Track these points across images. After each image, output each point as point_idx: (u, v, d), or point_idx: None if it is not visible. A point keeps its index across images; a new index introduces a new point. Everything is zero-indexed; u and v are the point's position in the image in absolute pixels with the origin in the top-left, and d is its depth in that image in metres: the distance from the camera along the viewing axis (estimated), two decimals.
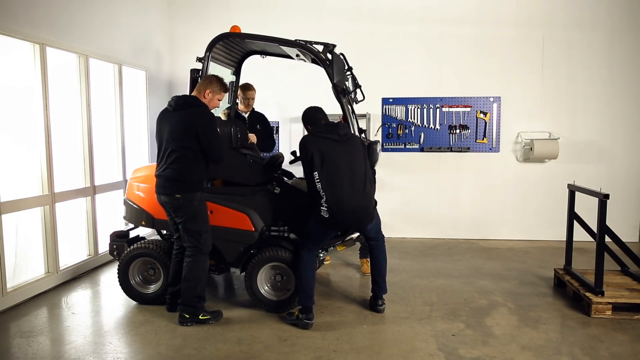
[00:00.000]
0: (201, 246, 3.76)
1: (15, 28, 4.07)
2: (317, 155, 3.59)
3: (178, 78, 7.04)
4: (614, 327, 3.73)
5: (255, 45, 4.59)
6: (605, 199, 3.89)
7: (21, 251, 4.34)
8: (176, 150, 3.66)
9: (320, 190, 3.59)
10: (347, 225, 3.79)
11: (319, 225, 3.69)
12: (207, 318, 3.80)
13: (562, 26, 6.43)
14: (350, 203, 3.62)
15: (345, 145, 3.71)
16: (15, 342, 3.49)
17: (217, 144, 3.71)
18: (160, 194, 3.77)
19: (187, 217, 3.72)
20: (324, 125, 3.80)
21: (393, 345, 3.45)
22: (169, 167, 3.69)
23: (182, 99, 3.76)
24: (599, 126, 6.47)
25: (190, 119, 3.64)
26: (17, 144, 4.30)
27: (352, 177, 3.65)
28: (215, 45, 4.21)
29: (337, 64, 4.07)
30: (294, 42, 4.13)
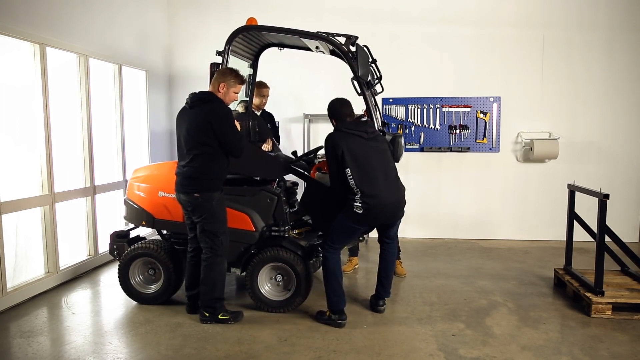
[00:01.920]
0: (217, 248, 3.72)
1: (15, 28, 4.07)
2: (348, 151, 3.56)
3: (178, 78, 7.05)
4: (614, 327, 3.73)
5: (273, 37, 4.53)
6: (605, 199, 3.89)
7: (21, 251, 4.34)
8: (194, 148, 3.63)
9: (354, 186, 3.55)
10: (381, 219, 3.74)
11: (351, 222, 3.64)
12: (226, 318, 3.78)
13: (562, 26, 6.43)
14: (386, 197, 3.61)
15: (374, 142, 3.71)
16: (15, 342, 3.49)
17: (234, 138, 3.64)
18: (179, 192, 3.73)
19: (204, 217, 3.67)
20: (352, 122, 3.76)
21: (393, 345, 3.45)
22: (188, 165, 3.66)
23: (197, 96, 3.70)
24: (599, 126, 6.47)
25: (205, 115, 3.58)
26: (17, 144, 4.30)
27: (385, 172, 3.65)
28: (235, 38, 4.14)
29: (362, 56, 4.01)
30: (315, 34, 4.06)
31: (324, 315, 3.83)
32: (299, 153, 5.02)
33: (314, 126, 6.88)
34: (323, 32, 4.09)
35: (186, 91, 7.10)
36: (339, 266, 3.80)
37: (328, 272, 3.76)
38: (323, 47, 4.29)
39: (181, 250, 4.33)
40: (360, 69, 3.95)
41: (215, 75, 3.80)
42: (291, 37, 4.28)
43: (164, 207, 4.20)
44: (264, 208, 4.05)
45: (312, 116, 6.72)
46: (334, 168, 3.66)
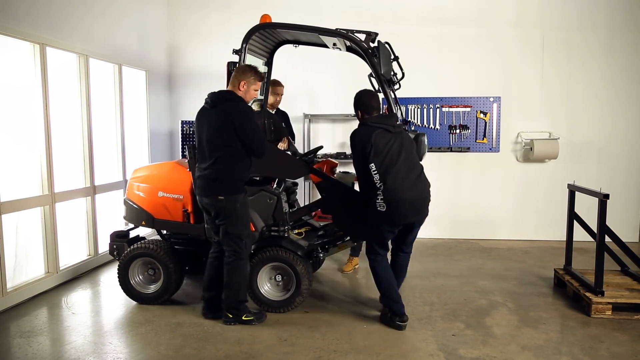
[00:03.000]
0: (241, 251, 3.67)
1: (15, 28, 4.07)
2: (374, 146, 3.50)
3: (178, 78, 7.05)
4: (614, 327, 3.73)
5: (288, 34, 4.48)
6: (605, 199, 3.89)
7: (21, 251, 4.34)
8: (217, 149, 3.55)
9: (377, 181, 3.50)
10: (406, 217, 3.60)
11: (378, 223, 3.59)
12: (250, 319, 3.76)
13: (562, 26, 6.43)
14: (408, 192, 3.53)
15: (399, 136, 3.64)
16: (15, 342, 3.49)
17: (257, 137, 3.58)
18: (202, 195, 3.66)
19: (228, 220, 3.61)
20: (379, 116, 3.70)
21: (393, 345, 3.45)
22: (210, 167, 3.58)
23: (216, 95, 3.65)
24: (599, 126, 6.47)
25: (227, 114, 3.52)
26: (17, 144, 4.30)
27: (409, 168, 3.59)
28: (252, 36, 4.08)
29: (384, 53, 3.95)
30: (335, 32, 4.02)
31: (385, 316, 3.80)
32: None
33: (314, 126, 6.88)
34: (342, 29, 4.03)
35: (186, 91, 7.17)
36: (389, 269, 3.75)
37: (381, 281, 3.70)
38: (340, 44, 4.23)
39: (181, 251, 4.34)
40: (382, 66, 3.88)
41: (234, 73, 3.73)
42: (308, 34, 4.22)
43: (164, 207, 4.19)
44: (263, 208, 4.05)
45: (312, 116, 6.72)
46: (359, 162, 3.59)
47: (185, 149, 4.65)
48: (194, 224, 4.15)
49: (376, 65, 3.91)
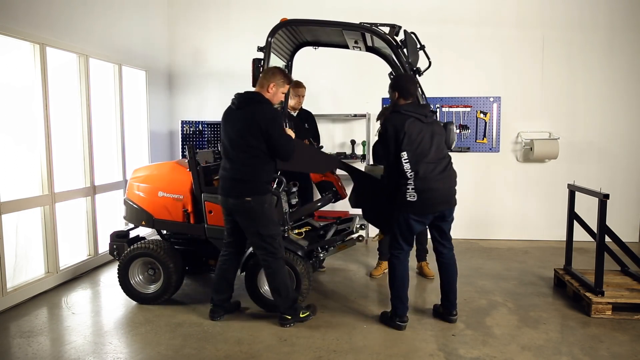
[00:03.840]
0: (276, 251, 3.64)
1: (15, 28, 4.07)
2: (407, 134, 3.47)
3: (178, 78, 7.04)
4: (614, 327, 3.73)
5: (310, 34, 4.45)
6: (605, 199, 3.89)
7: (21, 251, 4.34)
8: (244, 150, 3.53)
9: (407, 170, 3.46)
10: (434, 205, 3.56)
11: (406, 214, 3.54)
12: (307, 315, 3.78)
13: (562, 26, 6.43)
14: (439, 182, 3.52)
15: (431, 126, 3.60)
16: (15, 342, 3.49)
17: (284, 141, 3.57)
18: (228, 196, 3.60)
19: (259, 221, 3.57)
20: (412, 104, 3.65)
21: (393, 345, 3.45)
22: (237, 168, 3.56)
23: (244, 96, 3.62)
24: (599, 126, 6.47)
25: (255, 116, 3.49)
26: (17, 144, 4.30)
27: (439, 158, 3.57)
28: (277, 32, 4.03)
29: (411, 43, 3.92)
30: (359, 26, 3.99)
31: (386, 315, 3.80)
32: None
33: None
34: (366, 23, 3.99)
35: (186, 91, 7.16)
36: (407, 271, 3.72)
37: (396, 279, 3.68)
38: (360, 43, 4.20)
39: (181, 250, 4.34)
40: (410, 56, 3.84)
41: (262, 74, 3.70)
42: (328, 33, 4.19)
43: (164, 207, 4.20)
44: None
45: None
46: (390, 151, 3.54)
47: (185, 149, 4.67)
48: (194, 224, 4.15)
49: (401, 57, 3.86)
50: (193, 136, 6.49)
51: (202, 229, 4.13)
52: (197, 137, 6.50)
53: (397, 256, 3.71)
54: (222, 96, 6.99)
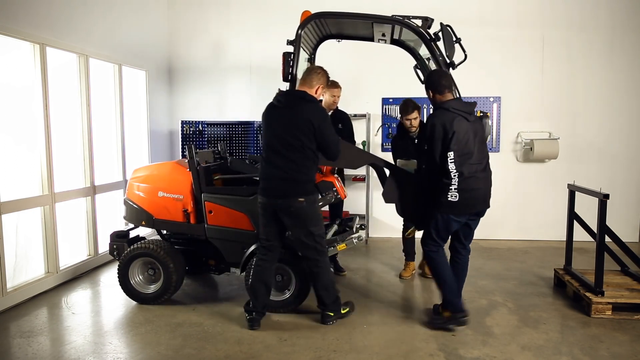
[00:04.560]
0: (324, 249, 3.65)
1: (15, 28, 4.07)
2: (456, 133, 3.40)
3: (178, 78, 7.04)
4: (614, 327, 3.73)
5: (334, 27, 4.41)
6: (605, 199, 3.89)
7: (21, 251, 4.34)
8: (297, 150, 3.45)
9: (452, 170, 3.40)
10: (474, 206, 3.54)
11: (446, 213, 3.50)
12: (347, 311, 3.81)
13: (562, 26, 6.42)
14: (479, 181, 3.50)
15: (474, 125, 3.54)
16: (15, 342, 3.49)
17: (334, 140, 3.54)
18: (277, 197, 3.52)
19: (310, 221, 3.55)
20: (460, 102, 3.59)
21: (393, 345, 3.45)
22: (287, 167, 3.48)
23: (293, 95, 3.58)
24: (599, 126, 6.47)
25: (307, 115, 3.43)
26: (17, 144, 4.31)
27: (481, 158, 3.54)
28: (306, 25, 3.98)
29: (447, 36, 3.86)
30: (390, 18, 3.94)
31: (439, 318, 3.71)
32: None
33: None
34: (398, 15, 3.94)
35: (186, 91, 7.15)
36: (447, 263, 3.68)
37: (438, 270, 3.64)
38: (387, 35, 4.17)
39: (181, 250, 4.34)
40: (447, 49, 3.80)
41: (306, 73, 3.65)
42: (355, 26, 4.15)
43: (164, 207, 4.20)
44: None
45: None
46: (436, 149, 3.45)
47: (185, 149, 4.66)
48: (194, 224, 4.15)
49: (434, 50, 3.83)
50: (193, 136, 6.49)
51: (202, 229, 4.13)
52: (197, 137, 6.50)
53: (436, 252, 3.65)
54: (222, 96, 7.01)
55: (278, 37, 6.76)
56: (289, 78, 3.88)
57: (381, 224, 6.79)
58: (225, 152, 5.00)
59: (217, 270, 4.43)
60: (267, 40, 6.82)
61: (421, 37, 3.90)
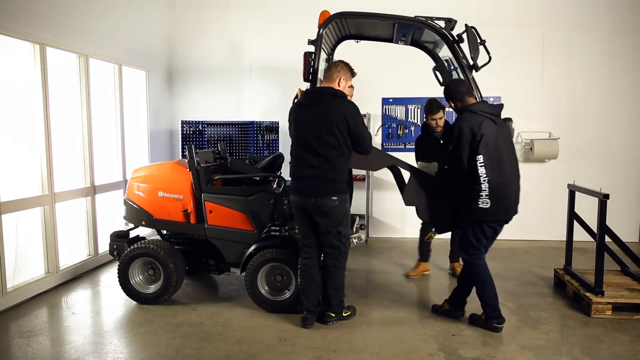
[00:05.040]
0: (347, 250, 3.65)
1: (15, 28, 4.07)
2: (485, 136, 3.33)
3: (178, 78, 7.04)
4: (614, 327, 3.73)
5: (354, 28, 4.38)
6: (605, 199, 3.89)
7: (21, 251, 4.34)
8: (329, 147, 3.42)
9: (482, 175, 3.33)
10: (506, 212, 3.47)
11: (478, 220, 3.45)
12: (349, 314, 3.82)
13: (562, 26, 6.42)
14: (512, 187, 3.44)
15: (501, 127, 3.51)
16: (15, 342, 3.49)
17: (368, 134, 3.54)
18: (311, 196, 3.49)
19: (340, 221, 3.54)
20: (486, 105, 3.53)
21: (393, 345, 3.45)
22: (322, 166, 3.44)
23: (322, 92, 3.53)
24: (599, 126, 6.47)
25: (341, 111, 3.39)
26: (17, 144, 4.31)
27: (510, 161, 3.48)
28: (328, 25, 3.94)
29: (472, 37, 3.84)
30: (413, 19, 3.92)
31: (478, 319, 3.73)
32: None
33: None
34: (421, 16, 3.93)
35: (186, 91, 7.15)
36: (489, 273, 3.63)
37: (481, 279, 3.59)
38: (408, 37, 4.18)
39: (181, 250, 4.34)
40: (472, 51, 3.77)
41: (328, 69, 3.61)
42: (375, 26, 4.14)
43: (164, 207, 4.20)
44: (263, 208, 4.06)
45: None
46: (464, 152, 3.38)
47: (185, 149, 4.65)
48: (194, 224, 4.15)
49: (457, 52, 3.81)
50: (193, 136, 6.49)
51: (202, 229, 4.13)
52: (197, 137, 6.50)
53: (478, 259, 3.60)
54: (222, 96, 7.01)
55: (278, 37, 6.83)
56: (309, 77, 3.85)
57: (381, 224, 6.80)
58: (225, 152, 5.00)
59: (217, 270, 4.43)
60: (267, 40, 6.83)
61: (444, 38, 3.87)
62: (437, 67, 4.62)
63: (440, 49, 4.47)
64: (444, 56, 4.40)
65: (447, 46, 3.92)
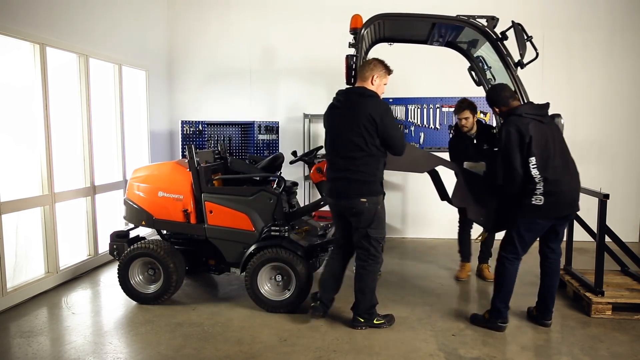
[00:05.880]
0: (378, 254, 3.59)
1: (15, 28, 4.07)
2: (533, 137, 3.33)
3: (178, 78, 7.04)
4: (614, 327, 3.73)
5: (389, 30, 4.34)
6: (605, 199, 3.89)
7: (21, 251, 4.34)
8: (361, 149, 3.39)
9: (536, 175, 3.34)
10: (560, 209, 3.46)
11: (533, 217, 3.44)
12: (381, 322, 3.70)
13: (562, 26, 6.42)
14: (566, 184, 3.41)
15: (550, 126, 3.51)
16: (15, 342, 3.49)
17: (399, 134, 3.46)
18: (341, 198, 3.51)
19: (370, 222, 3.48)
20: (532, 106, 3.53)
21: (393, 345, 3.45)
22: (352, 168, 3.43)
23: (351, 93, 3.50)
24: (599, 126, 6.47)
25: (367, 110, 3.35)
26: (17, 144, 4.31)
27: (564, 159, 3.47)
28: (370, 26, 3.90)
29: (519, 35, 3.79)
30: (455, 19, 3.88)
31: (480, 318, 3.74)
32: (298, 153, 5.01)
33: (314, 126, 6.88)
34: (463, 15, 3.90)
35: (186, 91, 7.16)
36: (516, 275, 3.63)
37: (506, 284, 3.60)
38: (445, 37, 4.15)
39: (181, 250, 4.34)
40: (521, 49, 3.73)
41: (362, 68, 3.57)
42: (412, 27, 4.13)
43: (164, 207, 4.20)
44: (263, 208, 4.06)
45: (312, 116, 6.72)
46: (514, 156, 3.36)
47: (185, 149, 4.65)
48: (194, 224, 4.15)
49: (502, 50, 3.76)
50: (193, 136, 6.49)
51: (202, 229, 4.13)
52: (197, 137, 6.50)
53: (512, 260, 3.60)
54: (222, 96, 7.01)
55: (278, 37, 6.83)
56: (352, 81, 3.80)
57: None
58: (225, 152, 5.00)
59: (217, 270, 4.43)
60: (267, 41, 6.83)
61: (487, 36, 3.81)
62: (472, 67, 4.59)
63: (477, 49, 4.41)
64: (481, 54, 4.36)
65: (490, 44, 3.84)
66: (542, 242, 3.76)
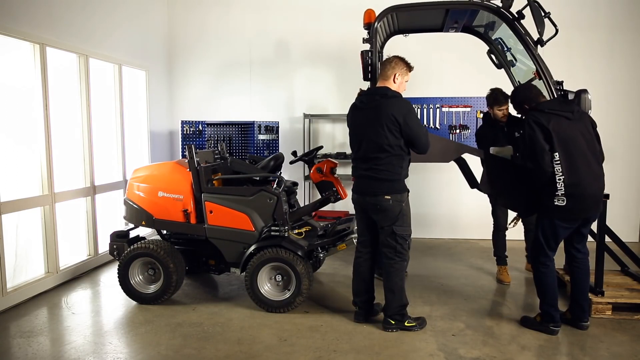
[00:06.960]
0: (404, 252, 3.58)
1: (15, 28, 4.07)
2: (556, 133, 3.27)
3: (178, 78, 7.05)
4: (614, 327, 3.73)
5: (402, 21, 4.30)
6: (605, 199, 3.88)
7: (21, 251, 4.34)
8: (381, 150, 3.40)
9: (557, 173, 3.27)
10: (584, 211, 3.39)
11: (554, 219, 3.39)
12: (412, 325, 3.64)
13: (562, 26, 6.37)
14: (590, 186, 3.33)
15: (579, 122, 3.40)
16: (15, 342, 3.49)
17: (423, 132, 3.44)
18: (365, 195, 3.53)
19: (395, 220, 3.49)
20: (556, 102, 3.47)
21: (393, 345, 3.45)
22: (375, 166, 3.44)
23: (373, 94, 3.49)
24: (599, 126, 6.39)
25: (391, 111, 3.34)
26: (17, 144, 4.31)
27: (592, 158, 3.37)
28: (382, 19, 3.86)
29: (536, 12, 3.71)
30: (469, 3, 3.83)
31: (532, 321, 3.72)
32: (298, 153, 5.02)
33: (314, 126, 6.88)
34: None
35: (186, 91, 7.15)
36: (555, 276, 3.60)
37: (549, 287, 3.57)
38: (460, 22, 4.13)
39: (181, 250, 4.34)
40: (538, 26, 3.64)
41: (383, 66, 3.56)
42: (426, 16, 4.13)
43: (164, 207, 4.20)
44: (263, 208, 4.06)
45: (312, 116, 6.72)
46: (537, 151, 3.33)
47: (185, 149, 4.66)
48: (194, 224, 4.15)
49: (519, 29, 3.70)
50: (193, 136, 6.49)
51: (202, 229, 4.13)
52: (197, 137, 6.51)
53: (547, 265, 3.57)
54: (222, 96, 7.02)
55: (278, 37, 6.83)
56: (369, 77, 3.79)
57: None
58: (225, 152, 5.00)
59: (217, 270, 4.43)
60: (267, 40, 6.83)
61: (503, 17, 3.76)
62: (492, 50, 4.56)
63: (495, 31, 4.34)
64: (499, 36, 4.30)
65: (507, 25, 3.78)
66: (567, 243, 3.71)
